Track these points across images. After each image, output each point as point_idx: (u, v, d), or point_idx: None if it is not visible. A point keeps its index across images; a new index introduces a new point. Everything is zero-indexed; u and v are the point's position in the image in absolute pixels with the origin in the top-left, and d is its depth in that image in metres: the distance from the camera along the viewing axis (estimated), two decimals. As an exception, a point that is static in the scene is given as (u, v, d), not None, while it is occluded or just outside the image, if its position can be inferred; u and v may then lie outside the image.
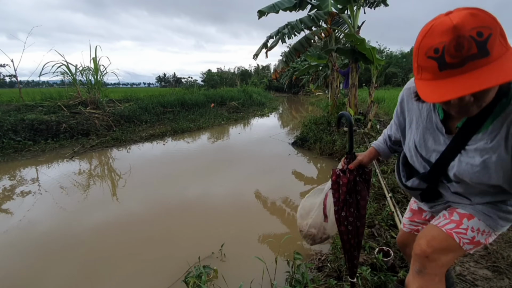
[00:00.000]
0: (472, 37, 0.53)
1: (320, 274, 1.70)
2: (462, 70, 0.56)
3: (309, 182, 3.69)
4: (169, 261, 2.00)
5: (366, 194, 1.12)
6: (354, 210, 1.10)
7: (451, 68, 0.57)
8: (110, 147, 5.61)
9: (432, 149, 0.86)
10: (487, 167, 0.73)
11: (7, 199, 3.17)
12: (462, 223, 0.87)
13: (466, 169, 0.78)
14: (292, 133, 7.15)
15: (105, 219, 2.68)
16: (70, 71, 7.39)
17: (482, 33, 0.53)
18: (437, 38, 0.57)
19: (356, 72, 6.05)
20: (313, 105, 14.67)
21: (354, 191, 1.10)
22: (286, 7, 5.60)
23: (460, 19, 0.55)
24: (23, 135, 5.50)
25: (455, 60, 0.55)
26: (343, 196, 1.09)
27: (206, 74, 17.32)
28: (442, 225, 0.90)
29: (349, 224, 1.11)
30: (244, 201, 3.08)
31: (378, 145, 1.17)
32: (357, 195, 1.10)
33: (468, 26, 0.54)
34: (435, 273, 0.88)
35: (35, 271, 1.93)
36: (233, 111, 11.26)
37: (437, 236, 0.89)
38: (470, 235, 0.86)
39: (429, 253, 0.88)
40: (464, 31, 0.54)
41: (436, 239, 0.88)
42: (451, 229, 0.88)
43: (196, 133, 7.31)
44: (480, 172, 0.75)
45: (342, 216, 1.11)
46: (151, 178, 3.84)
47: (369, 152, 1.16)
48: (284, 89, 28.72)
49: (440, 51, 0.57)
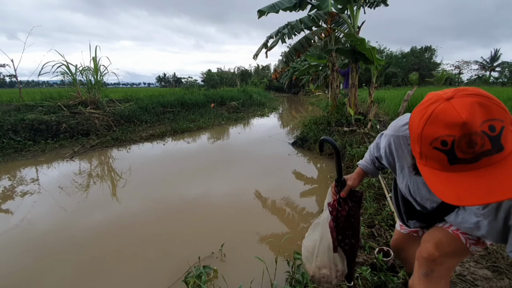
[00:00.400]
0: (484, 133, 0.49)
1: (320, 274, 1.70)
2: (476, 165, 0.52)
3: (309, 182, 3.69)
4: (169, 261, 2.00)
5: (359, 215, 1.15)
6: (349, 232, 1.13)
7: (463, 163, 0.52)
8: (110, 147, 5.61)
9: (426, 198, 0.88)
10: (479, 227, 0.76)
11: (7, 199, 3.17)
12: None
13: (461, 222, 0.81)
14: (292, 133, 7.15)
15: (105, 219, 2.68)
16: (70, 71, 7.39)
17: (495, 127, 0.49)
18: (444, 130, 0.52)
19: (356, 72, 6.05)
20: (313, 105, 14.67)
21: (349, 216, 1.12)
22: (286, 7, 5.60)
23: (469, 113, 0.50)
24: (23, 135, 5.49)
25: (467, 156, 0.51)
26: (341, 225, 1.12)
27: (206, 74, 17.31)
28: (447, 226, 0.91)
29: (345, 245, 1.14)
30: (244, 201, 3.07)
31: (366, 166, 1.14)
32: (351, 218, 1.12)
33: (479, 121, 0.49)
34: (441, 276, 0.89)
35: (35, 270, 1.93)
36: (233, 111, 11.26)
37: (444, 239, 0.89)
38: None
39: (437, 256, 0.88)
40: (475, 128, 0.49)
41: (444, 242, 0.88)
42: (457, 230, 0.88)
43: (196, 133, 7.31)
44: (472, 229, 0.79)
45: (338, 240, 1.13)
46: (151, 178, 3.84)
47: (357, 174, 1.14)
48: (284, 89, 28.74)
49: (449, 145, 0.52)
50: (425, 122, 0.54)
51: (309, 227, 1.26)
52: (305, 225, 2.52)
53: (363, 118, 6.06)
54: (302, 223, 2.57)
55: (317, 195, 3.21)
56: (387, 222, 2.12)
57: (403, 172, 0.91)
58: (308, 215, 2.70)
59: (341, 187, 1.13)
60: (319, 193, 3.29)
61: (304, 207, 2.88)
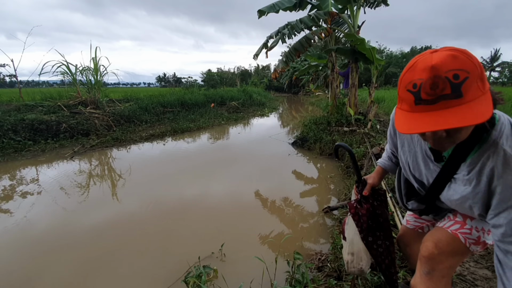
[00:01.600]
0: (447, 78, 0.56)
1: (320, 274, 1.70)
2: (434, 107, 0.59)
3: (309, 182, 3.69)
4: (169, 261, 2.00)
5: (387, 214, 1.14)
6: (379, 233, 1.12)
7: (425, 104, 0.60)
8: (110, 147, 5.61)
9: (424, 173, 0.89)
10: (466, 195, 0.76)
11: (7, 199, 3.17)
12: (465, 223, 0.89)
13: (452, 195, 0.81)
14: (292, 133, 7.16)
15: (105, 219, 2.68)
16: (70, 71, 7.39)
17: (459, 76, 0.56)
18: (417, 74, 0.60)
19: (356, 72, 6.05)
20: (313, 105, 14.67)
21: (375, 215, 1.12)
22: (286, 7, 5.60)
23: (439, 60, 0.57)
24: (23, 135, 5.49)
25: (429, 97, 0.59)
26: (365, 224, 1.11)
27: (206, 74, 17.30)
28: (447, 226, 0.92)
29: (378, 246, 1.13)
30: (244, 201, 3.07)
31: (384, 163, 1.17)
32: (378, 218, 1.12)
33: (445, 68, 0.57)
34: (443, 275, 0.90)
35: (35, 270, 1.93)
36: (233, 111, 11.26)
37: (443, 238, 0.91)
38: (475, 235, 0.87)
39: (437, 254, 0.89)
40: (441, 72, 0.57)
41: (443, 241, 0.90)
42: (456, 230, 0.90)
43: (196, 133, 7.31)
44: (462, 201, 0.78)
45: (369, 242, 1.13)
46: (151, 178, 3.84)
47: (377, 173, 1.17)
48: (284, 89, 28.74)
49: (417, 87, 0.60)
50: (407, 69, 0.63)
51: (309, 227, 1.26)
52: (305, 225, 2.52)
53: (363, 118, 6.06)
54: (302, 223, 2.57)
55: (317, 195, 3.21)
56: (387, 222, 2.12)
57: (403, 149, 0.95)
58: (308, 215, 2.70)
59: (362, 187, 1.15)
60: (319, 193, 3.29)
61: (304, 207, 2.88)
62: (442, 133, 0.65)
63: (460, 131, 0.64)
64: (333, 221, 2.50)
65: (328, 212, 2.65)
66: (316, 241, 2.24)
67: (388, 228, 1.14)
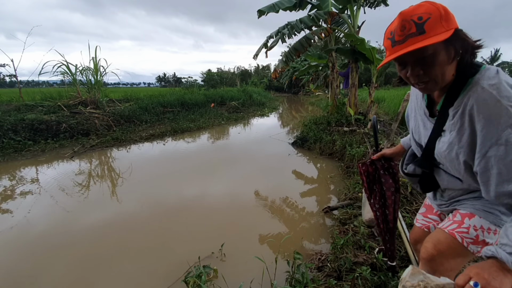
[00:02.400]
0: (413, 20, 0.69)
1: (320, 274, 1.70)
2: (404, 45, 0.70)
3: (309, 182, 3.69)
4: (169, 261, 2.00)
5: (391, 185, 1.20)
6: (379, 198, 1.21)
7: (398, 44, 0.71)
8: (110, 147, 5.61)
9: (423, 134, 0.91)
10: (452, 141, 0.77)
11: (7, 199, 3.17)
12: (463, 222, 0.88)
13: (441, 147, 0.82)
14: (292, 133, 7.16)
15: (104, 219, 2.68)
16: (70, 71, 7.39)
17: (422, 17, 0.68)
18: (393, 25, 0.73)
19: (356, 72, 6.05)
20: (313, 105, 14.67)
21: (378, 182, 1.21)
22: (286, 7, 5.60)
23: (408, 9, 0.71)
24: (23, 135, 5.49)
25: (400, 38, 0.71)
26: (365, 184, 1.23)
27: (206, 74, 17.29)
28: (445, 227, 0.92)
29: (376, 210, 1.22)
30: (244, 201, 3.08)
31: (404, 140, 1.20)
32: (382, 186, 1.20)
33: (411, 13, 0.69)
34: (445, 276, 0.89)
35: (35, 269, 1.93)
36: (233, 111, 11.26)
37: (442, 238, 0.90)
38: (472, 234, 0.86)
39: (436, 255, 0.89)
40: (407, 16, 0.69)
41: (442, 242, 0.90)
42: (453, 229, 0.89)
43: (196, 133, 7.31)
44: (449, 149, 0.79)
45: (371, 203, 1.25)
46: (151, 178, 3.84)
47: (395, 147, 1.22)
48: (284, 89, 28.73)
49: (393, 33, 0.73)
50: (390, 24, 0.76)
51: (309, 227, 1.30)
52: (305, 225, 2.52)
53: (363, 118, 6.06)
54: (302, 223, 2.57)
55: (317, 195, 3.21)
56: (387, 222, 2.12)
57: (411, 116, 1.00)
58: (308, 215, 2.70)
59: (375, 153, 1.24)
60: (319, 193, 3.29)
61: (304, 207, 2.88)
62: (419, 71, 0.73)
63: (434, 66, 0.71)
64: (333, 221, 2.50)
65: (328, 212, 2.65)
66: (316, 241, 2.24)
67: (390, 199, 1.19)
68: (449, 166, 0.84)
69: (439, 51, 0.70)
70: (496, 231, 0.84)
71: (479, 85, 0.69)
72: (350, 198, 2.80)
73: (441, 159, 0.85)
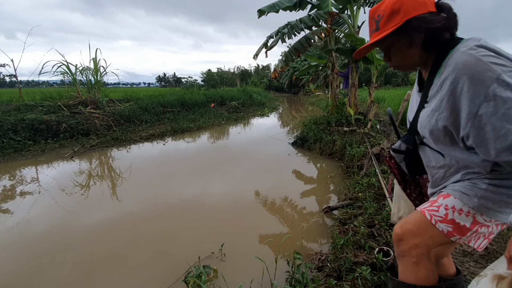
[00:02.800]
0: (374, 19, 0.82)
1: (320, 274, 1.70)
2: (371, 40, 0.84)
3: (309, 182, 3.69)
4: (169, 261, 2.00)
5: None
6: (415, 187, 1.21)
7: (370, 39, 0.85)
8: (110, 147, 5.61)
9: (413, 110, 0.94)
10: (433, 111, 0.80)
11: (6, 199, 3.17)
12: (437, 201, 0.88)
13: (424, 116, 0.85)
14: (292, 133, 7.16)
15: (104, 219, 2.68)
16: (70, 71, 7.38)
17: (380, 15, 0.80)
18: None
19: (356, 72, 6.05)
20: (313, 105, 14.67)
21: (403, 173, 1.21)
22: (286, 7, 5.60)
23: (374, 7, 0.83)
24: (23, 135, 5.49)
25: (370, 34, 0.86)
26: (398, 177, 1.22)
27: (206, 74, 17.28)
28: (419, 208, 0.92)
29: (415, 199, 1.22)
30: (244, 200, 3.08)
31: None
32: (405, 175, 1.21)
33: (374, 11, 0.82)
34: (411, 255, 0.88)
35: (35, 269, 1.93)
36: (233, 111, 11.26)
37: (411, 218, 0.92)
38: (442, 212, 0.84)
39: (401, 235, 0.89)
40: (372, 14, 0.83)
41: (409, 221, 0.91)
42: (425, 208, 0.90)
43: (196, 133, 7.31)
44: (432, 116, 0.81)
45: (407, 193, 1.24)
46: (151, 178, 3.84)
47: None
48: (284, 89, 28.70)
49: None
50: None
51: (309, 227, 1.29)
52: (305, 225, 2.52)
53: (363, 118, 6.06)
54: (302, 223, 2.57)
55: (317, 195, 3.21)
56: (387, 222, 2.12)
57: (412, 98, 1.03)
58: (308, 215, 2.70)
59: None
60: (319, 193, 3.29)
61: (304, 206, 2.88)
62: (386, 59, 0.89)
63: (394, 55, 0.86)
64: (333, 221, 2.50)
65: (328, 212, 2.65)
66: (316, 241, 2.24)
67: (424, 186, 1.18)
68: (430, 136, 0.85)
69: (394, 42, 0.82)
70: (468, 212, 0.81)
71: (458, 51, 0.74)
72: (350, 198, 2.80)
73: (423, 129, 0.87)
